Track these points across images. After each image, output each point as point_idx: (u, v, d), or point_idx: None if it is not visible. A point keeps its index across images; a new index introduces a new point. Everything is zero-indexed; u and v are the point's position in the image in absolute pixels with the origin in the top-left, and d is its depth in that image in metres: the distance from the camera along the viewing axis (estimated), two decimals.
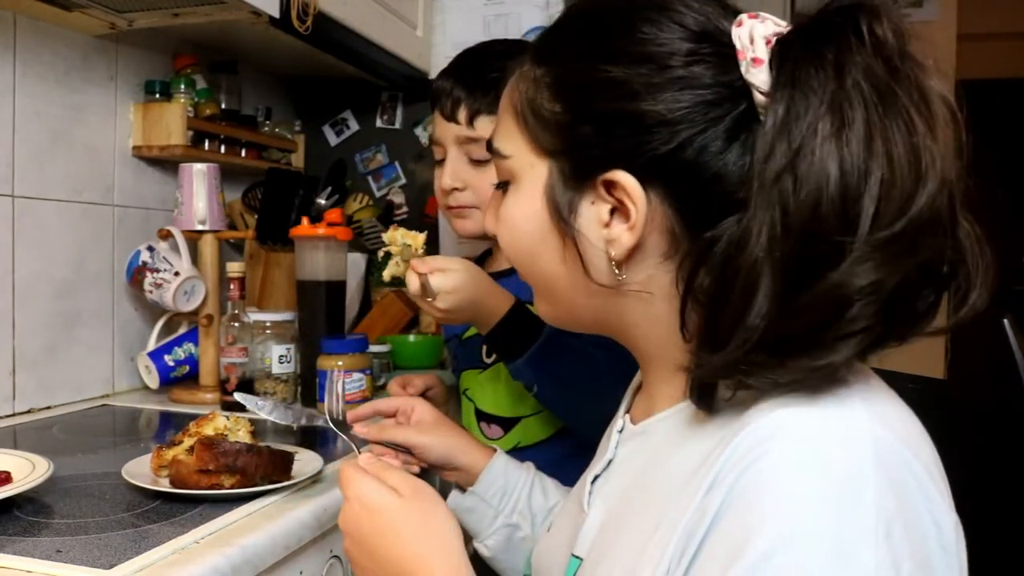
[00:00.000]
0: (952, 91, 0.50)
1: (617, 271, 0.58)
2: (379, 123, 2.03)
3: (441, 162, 1.20)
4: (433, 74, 1.95)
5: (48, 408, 1.37)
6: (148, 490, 0.89)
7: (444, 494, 0.93)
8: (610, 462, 0.68)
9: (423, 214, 2.00)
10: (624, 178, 0.55)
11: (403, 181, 2.02)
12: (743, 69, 0.52)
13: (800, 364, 0.48)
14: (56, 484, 0.92)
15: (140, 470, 0.93)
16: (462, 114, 1.14)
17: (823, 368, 0.48)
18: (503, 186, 0.65)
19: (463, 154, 1.16)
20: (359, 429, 0.91)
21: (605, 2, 0.60)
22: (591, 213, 0.58)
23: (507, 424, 1.19)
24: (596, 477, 0.69)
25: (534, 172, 0.61)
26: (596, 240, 0.58)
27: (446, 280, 1.00)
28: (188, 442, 0.92)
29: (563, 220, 0.59)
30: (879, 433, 0.47)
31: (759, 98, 0.52)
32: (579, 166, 0.58)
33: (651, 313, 0.60)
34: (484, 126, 1.12)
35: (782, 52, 0.51)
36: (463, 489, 0.94)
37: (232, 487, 0.88)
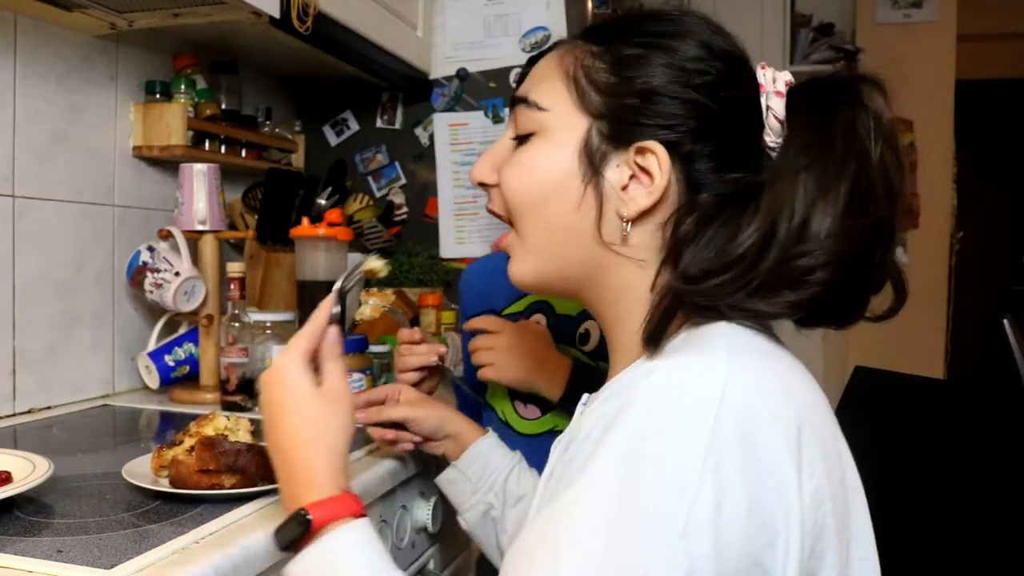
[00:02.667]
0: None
1: (625, 227, 0.67)
2: (379, 123, 2.03)
3: None
4: (433, 74, 1.95)
5: (48, 408, 1.37)
6: (148, 490, 0.89)
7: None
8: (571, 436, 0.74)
9: (423, 214, 2.00)
10: (658, 148, 0.65)
11: (403, 181, 2.02)
12: (764, 98, 0.66)
13: (782, 297, 0.59)
14: (56, 484, 0.92)
15: (140, 470, 0.93)
16: None
17: (795, 304, 0.59)
18: (522, 139, 0.71)
19: None
20: (357, 415, 1.00)
21: (666, 13, 0.71)
22: (615, 174, 0.67)
23: (545, 405, 1.18)
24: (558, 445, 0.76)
25: (571, 127, 0.68)
26: (614, 196, 0.67)
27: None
28: (188, 442, 0.92)
29: (595, 168, 0.67)
30: (736, 382, 0.54)
31: (773, 122, 0.65)
32: (619, 130, 0.67)
33: (629, 279, 0.68)
34: None
35: (802, 95, 0.65)
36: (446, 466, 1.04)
37: (232, 487, 0.88)
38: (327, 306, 0.76)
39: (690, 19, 0.70)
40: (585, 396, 0.74)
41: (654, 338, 0.62)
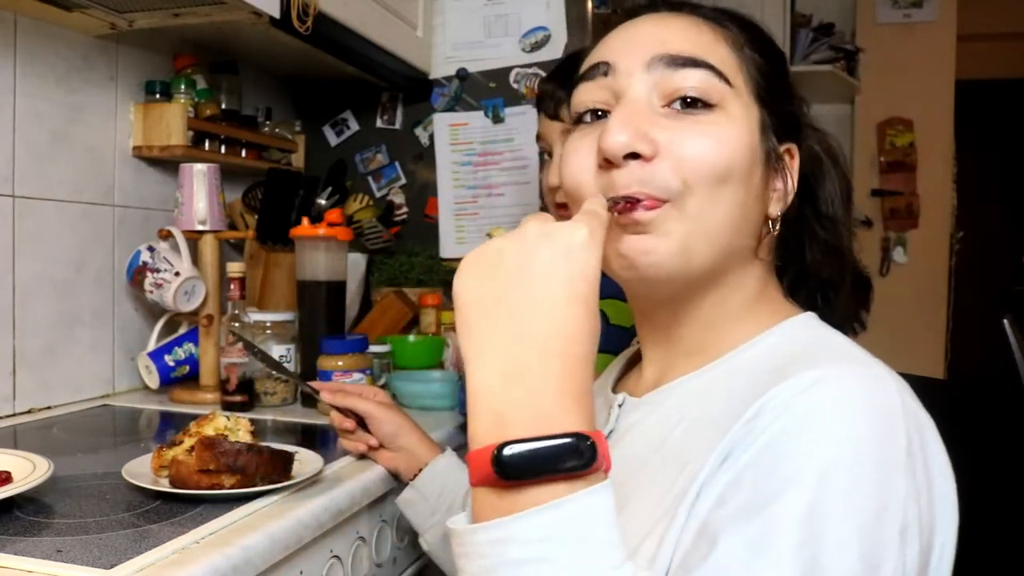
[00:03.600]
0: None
1: (771, 227, 0.67)
2: (379, 123, 2.03)
3: (548, 157, 1.28)
4: (433, 74, 1.95)
5: (48, 408, 1.37)
6: (148, 490, 0.89)
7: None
8: (611, 432, 0.71)
9: (423, 214, 2.00)
10: (796, 151, 0.69)
11: (403, 181, 2.02)
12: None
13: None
14: (56, 484, 0.92)
15: (140, 470, 0.93)
16: (567, 112, 1.19)
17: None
18: (692, 104, 0.62)
19: None
20: (326, 395, 1.05)
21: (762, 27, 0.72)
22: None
23: None
24: None
25: (750, 113, 0.65)
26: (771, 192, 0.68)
27: None
28: (188, 442, 0.92)
29: (775, 156, 0.66)
30: (901, 387, 0.56)
31: None
32: (780, 128, 0.67)
33: (755, 274, 0.68)
34: None
35: None
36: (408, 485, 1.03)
37: (232, 487, 0.87)
38: None
39: (769, 36, 0.71)
40: (622, 396, 0.72)
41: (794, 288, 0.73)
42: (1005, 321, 2.65)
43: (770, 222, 0.67)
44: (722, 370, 0.64)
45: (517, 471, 0.46)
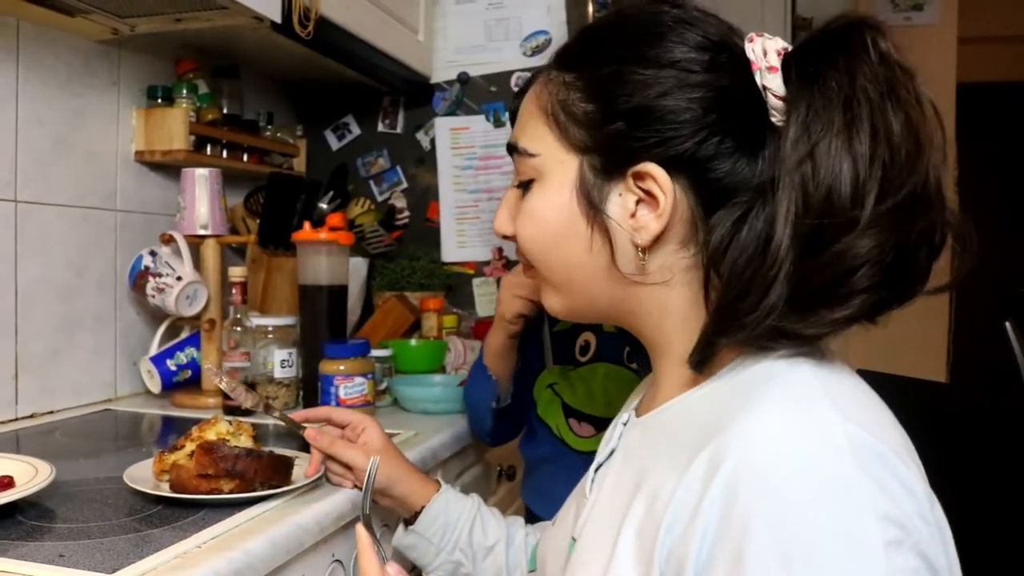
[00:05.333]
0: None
1: (641, 256, 0.63)
2: (381, 127, 2.03)
3: None
4: (434, 78, 1.96)
5: (50, 412, 1.37)
6: (149, 495, 0.89)
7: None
8: (612, 451, 0.72)
9: (425, 218, 2.00)
10: (654, 169, 0.61)
11: (405, 185, 2.03)
12: (758, 76, 0.60)
13: (821, 317, 0.55)
14: (58, 488, 0.92)
15: (142, 475, 0.93)
16: None
17: (840, 321, 0.55)
18: (524, 186, 0.69)
19: None
20: (310, 433, 0.97)
21: (633, 16, 0.66)
22: (619, 204, 0.63)
23: (600, 424, 1.19)
24: (600, 465, 0.73)
25: (563, 168, 0.65)
26: (623, 228, 0.63)
27: None
28: (190, 447, 0.92)
29: (595, 209, 0.64)
30: (850, 430, 0.51)
31: (773, 101, 0.59)
32: (610, 159, 0.63)
33: (664, 301, 0.65)
34: None
35: (799, 59, 0.59)
36: (407, 524, 0.97)
37: (231, 492, 0.87)
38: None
39: (658, 15, 0.65)
40: (626, 415, 0.72)
41: (700, 364, 0.60)
42: (1007, 324, 2.64)
43: (639, 249, 0.62)
44: (689, 401, 0.62)
45: None
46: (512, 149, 0.70)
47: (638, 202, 0.63)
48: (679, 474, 0.54)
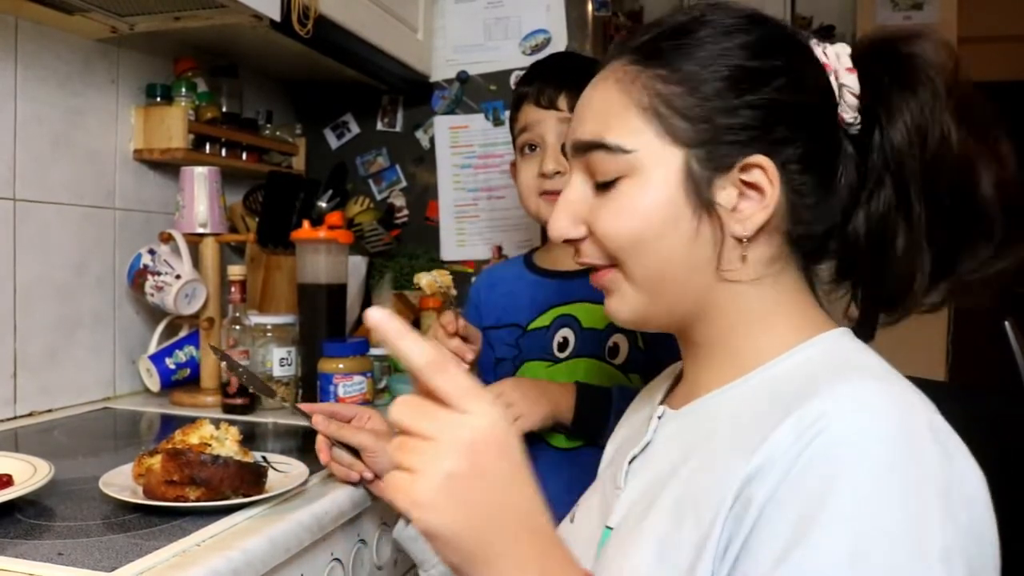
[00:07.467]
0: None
1: (744, 248, 0.65)
2: (380, 126, 2.03)
3: (533, 150, 1.26)
4: (434, 77, 1.96)
5: (49, 411, 1.37)
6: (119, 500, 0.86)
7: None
8: (648, 444, 0.72)
9: (424, 217, 2.00)
10: (764, 161, 0.64)
11: (404, 184, 2.02)
12: (833, 76, 0.66)
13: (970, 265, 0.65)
14: (57, 487, 0.92)
15: (120, 479, 0.91)
16: (563, 101, 1.22)
17: (957, 285, 0.65)
18: (607, 184, 0.67)
19: (562, 140, 1.21)
20: (317, 419, 0.96)
21: (720, 16, 0.68)
22: (724, 197, 0.65)
23: None
24: (634, 457, 0.73)
25: (665, 162, 0.65)
26: (729, 220, 0.65)
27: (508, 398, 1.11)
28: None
29: (703, 199, 0.65)
30: (924, 405, 0.57)
31: (850, 99, 0.66)
32: (717, 153, 0.64)
33: (749, 298, 0.67)
34: None
35: (877, 56, 0.66)
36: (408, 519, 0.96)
37: (198, 499, 0.84)
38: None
39: (737, 16, 0.67)
40: (661, 408, 0.73)
41: (870, 336, 0.69)
42: (1006, 324, 2.64)
43: (742, 241, 0.65)
44: (744, 389, 0.65)
45: None
46: (594, 147, 0.67)
47: (739, 195, 0.65)
48: (751, 446, 0.56)
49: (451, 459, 0.49)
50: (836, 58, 0.66)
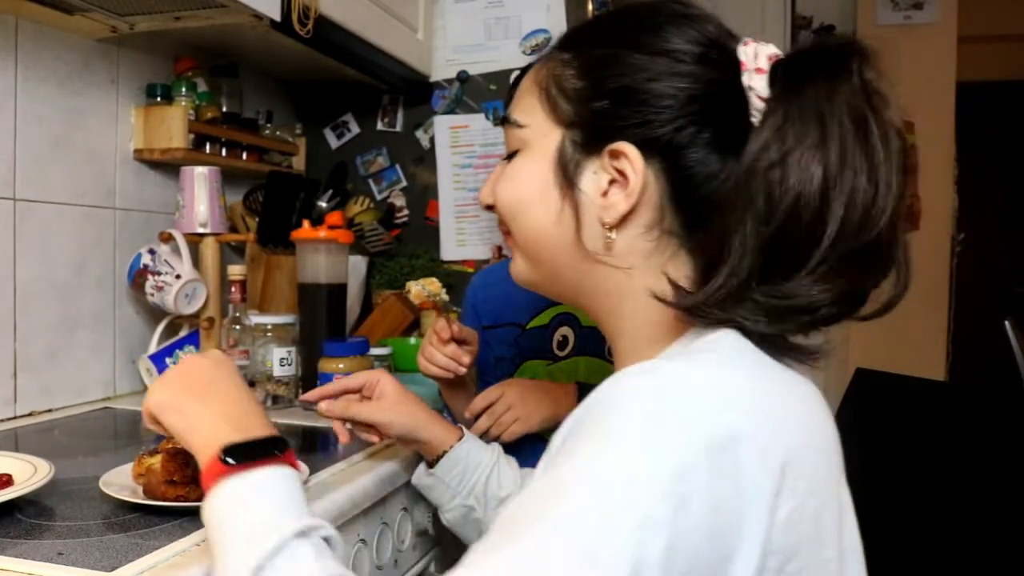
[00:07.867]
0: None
1: (608, 235, 0.66)
2: (380, 126, 2.03)
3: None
4: (434, 77, 1.96)
5: (49, 411, 1.37)
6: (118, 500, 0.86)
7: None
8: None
9: (424, 217, 2.00)
10: (629, 148, 0.64)
11: (404, 184, 2.02)
12: (745, 77, 0.62)
13: (779, 324, 0.58)
14: (57, 487, 0.92)
15: (117, 480, 0.91)
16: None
17: (791, 328, 0.59)
18: (511, 156, 0.73)
19: None
20: (323, 405, 1.02)
21: (636, 7, 0.70)
22: (592, 181, 0.67)
23: None
24: None
25: (547, 139, 0.69)
26: (593, 205, 0.66)
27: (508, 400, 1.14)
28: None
29: (568, 179, 0.67)
30: (728, 401, 0.53)
31: (756, 102, 0.62)
32: (590, 135, 0.66)
33: (622, 284, 0.68)
34: None
35: (787, 67, 0.61)
36: (430, 464, 1.02)
37: (198, 500, 0.82)
38: None
39: (660, 8, 0.68)
40: None
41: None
42: (1006, 323, 2.65)
43: (609, 231, 0.66)
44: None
45: (243, 455, 0.65)
46: (504, 121, 0.75)
47: (611, 182, 0.66)
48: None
49: (173, 370, 0.76)
50: (753, 58, 0.63)
